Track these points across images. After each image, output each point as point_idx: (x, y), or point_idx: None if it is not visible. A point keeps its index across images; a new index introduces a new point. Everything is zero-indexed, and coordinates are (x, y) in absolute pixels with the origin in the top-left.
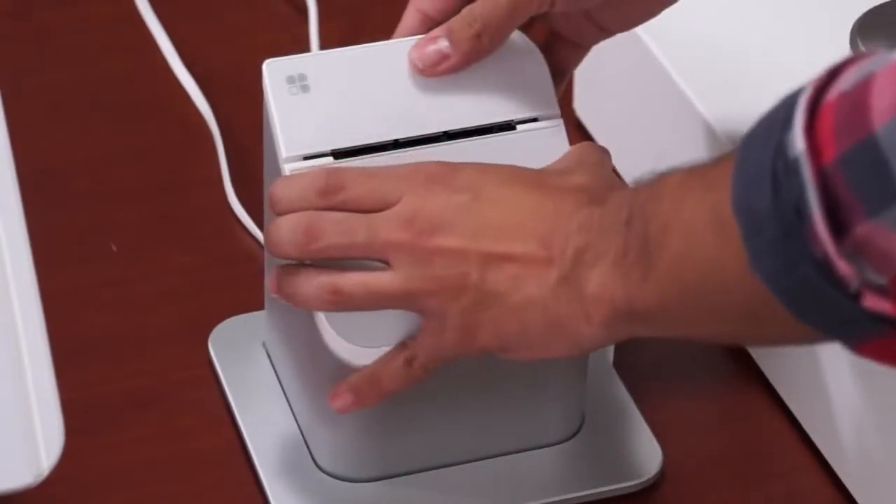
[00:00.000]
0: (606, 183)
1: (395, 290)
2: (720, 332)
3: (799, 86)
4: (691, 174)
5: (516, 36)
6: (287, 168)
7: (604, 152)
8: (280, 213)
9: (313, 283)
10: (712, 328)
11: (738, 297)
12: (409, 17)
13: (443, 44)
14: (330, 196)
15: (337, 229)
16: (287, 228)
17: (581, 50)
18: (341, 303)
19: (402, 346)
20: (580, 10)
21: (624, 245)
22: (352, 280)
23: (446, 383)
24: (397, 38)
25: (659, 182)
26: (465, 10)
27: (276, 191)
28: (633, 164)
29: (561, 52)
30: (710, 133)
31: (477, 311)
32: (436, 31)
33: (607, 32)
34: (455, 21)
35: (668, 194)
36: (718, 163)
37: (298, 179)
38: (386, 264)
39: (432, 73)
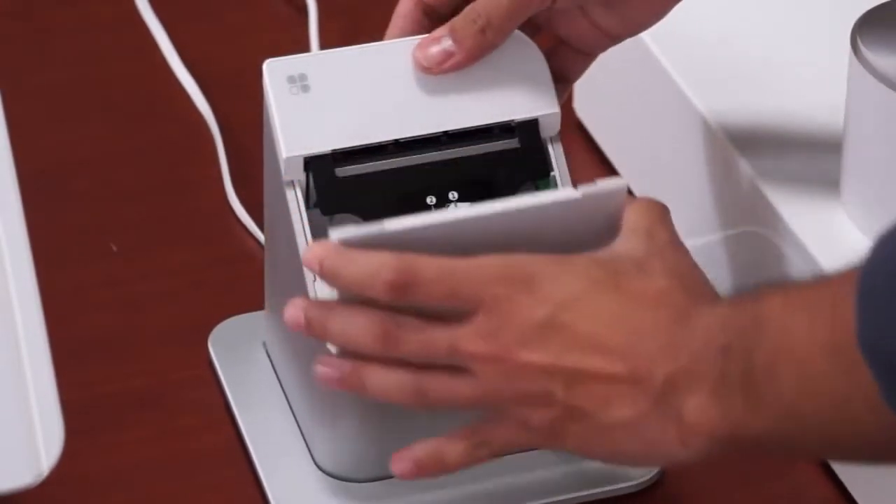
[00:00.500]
0: (686, 284)
1: (479, 399)
2: (845, 459)
3: None
4: (792, 296)
5: (516, 35)
6: (334, 235)
7: (666, 214)
8: (338, 288)
9: (393, 379)
10: (834, 455)
11: (868, 428)
12: (405, 2)
13: (447, 42)
14: (401, 293)
15: (416, 341)
16: (359, 330)
17: (586, 58)
18: (423, 403)
19: (474, 430)
20: (582, 14)
21: (722, 373)
22: (436, 384)
23: None
24: (393, 24)
25: (755, 304)
26: (467, 8)
27: (335, 265)
28: (633, 164)
29: (565, 59)
30: (710, 133)
31: (564, 424)
32: (439, 31)
33: (611, 38)
34: (458, 19)
35: (770, 320)
36: (821, 283)
37: (363, 260)
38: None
39: (438, 71)
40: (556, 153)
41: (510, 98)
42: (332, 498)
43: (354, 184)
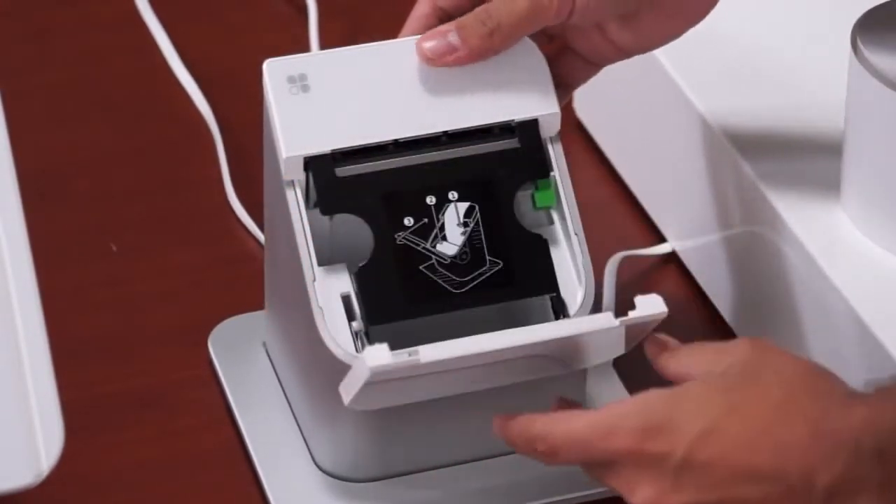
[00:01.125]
0: (808, 386)
1: None
2: None
3: None
4: None
5: None
6: (369, 362)
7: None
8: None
9: None
10: None
11: None
12: (422, 5)
13: (453, 37)
14: (550, 461)
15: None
16: None
17: (593, 68)
18: None
19: None
20: (597, 28)
21: (883, 478)
22: None
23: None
24: (407, 26)
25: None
26: (480, 7)
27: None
28: (633, 164)
29: (570, 66)
30: (710, 133)
31: None
32: (447, 25)
33: (624, 53)
34: (469, 16)
35: None
36: None
37: (519, 442)
38: None
39: (439, 63)
40: (556, 153)
41: (510, 98)
42: (332, 498)
43: (354, 184)
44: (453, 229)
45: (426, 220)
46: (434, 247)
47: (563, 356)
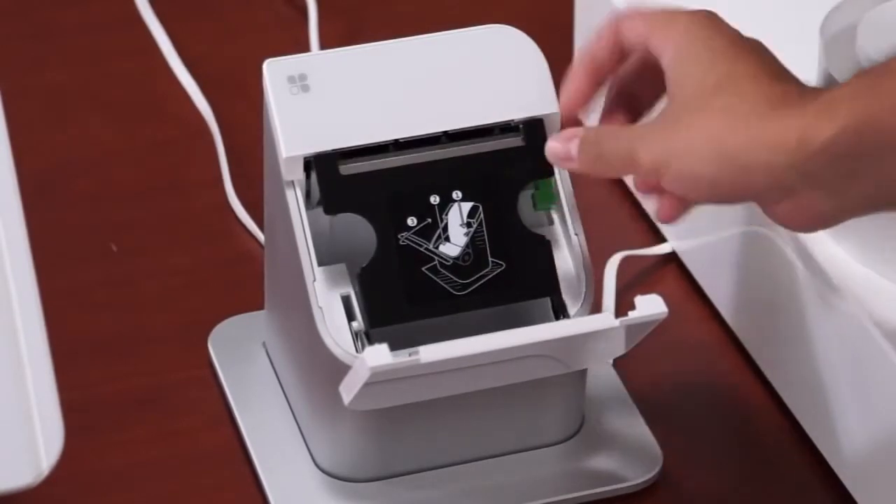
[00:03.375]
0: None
1: None
2: None
3: None
4: None
5: (517, 35)
6: (369, 362)
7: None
8: None
9: None
10: None
11: None
12: (578, 75)
13: (573, 147)
14: None
15: None
16: None
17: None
18: None
19: None
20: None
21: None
22: None
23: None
24: (565, 88)
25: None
26: (601, 128)
27: None
28: None
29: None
30: None
31: None
32: (576, 131)
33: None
34: (590, 135)
35: None
36: None
37: None
38: None
39: (559, 165)
40: None
41: (511, 98)
42: (332, 498)
43: (359, 182)
44: (456, 230)
45: (429, 220)
46: (437, 248)
47: (563, 356)
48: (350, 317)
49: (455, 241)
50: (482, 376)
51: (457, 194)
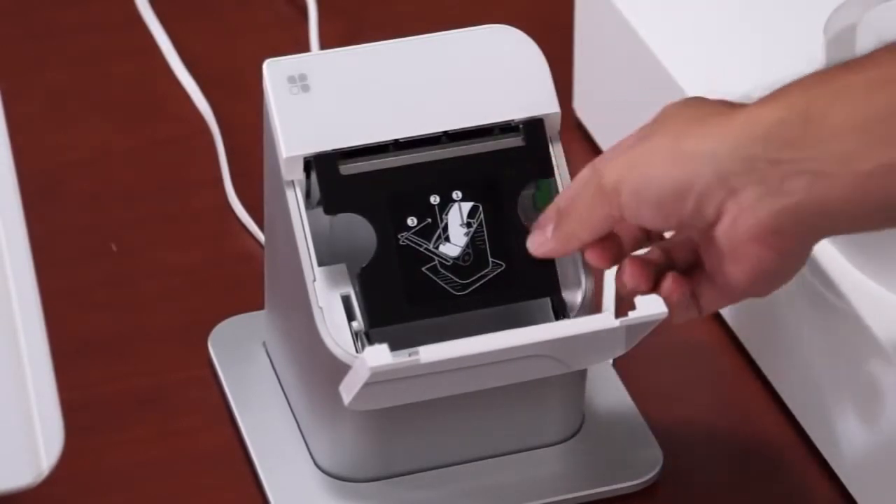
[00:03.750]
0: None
1: None
2: None
3: None
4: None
5: (516, 35)
6: (369, 362)
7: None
8: None
9: None
10: None
11: None
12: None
13: (548, 231)
14: None
15: None
16: None
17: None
18: None
19: None
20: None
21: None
22: None
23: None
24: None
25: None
26: (559, 196)
27: None
28: None
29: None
30: None
31: None
32: (548, 218)
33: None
34: (550, 206)
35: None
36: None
37: None
38: None
39: (538, 253)
40: (556, 153)
41: (511, 97)
42: (332, 498)
43: (359, 182)
44: (456, 230)
45: (429, 220)
46: (437, 248)
47: (563, 356)
48: (350, 317)
49: (455, 242)
50: (482, 376)
51: (457, 194)
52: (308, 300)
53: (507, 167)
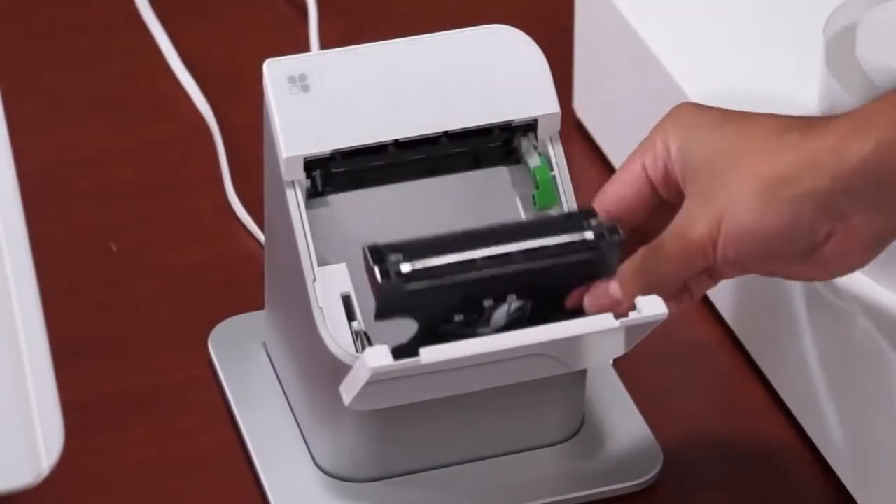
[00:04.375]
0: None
1: None
2: None
3: None
4: None
5: (516, 34)
6: (370, 363)
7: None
8: None
9: None
10: None
11: None
12: (631, 171)
13: (614, 290)
14: None
15: None
16: None
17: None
18: None
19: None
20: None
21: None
22: None
23: None
24: (615, 184)
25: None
26: (636, 260)
27: None
28: None
29: (699, 281)
30: None
31: None
32: (604, 285)
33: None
34: (626, 270)
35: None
36: None
37: None
38: None
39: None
40: (556, 153)
41: (510, 98)
42: (332, 498)
43: (422, 295)
44: (499, 315)
45: (476, 315)
46: (475, 330)
47: (563, 356)
48: (350, 317)
49: (495, 322)
50: (482, 376)
51: (511, 297)
52: (308, 300)
53: (571, 278)
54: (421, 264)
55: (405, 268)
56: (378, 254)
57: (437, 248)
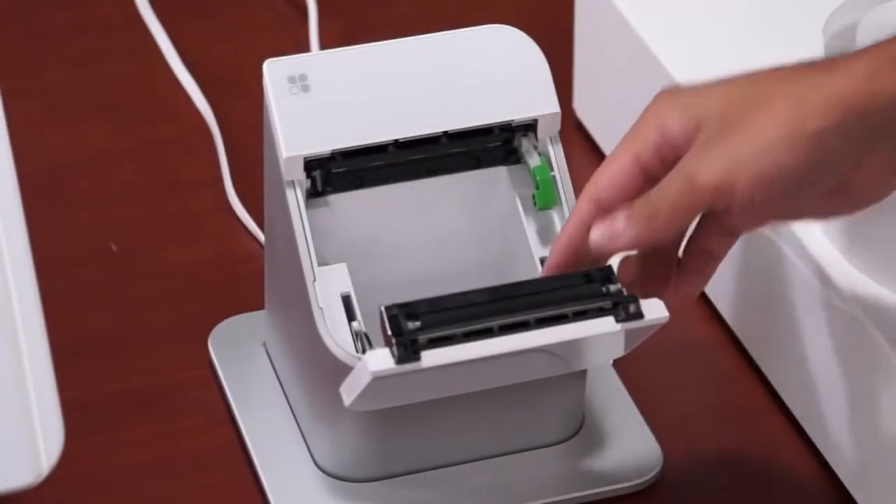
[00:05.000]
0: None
1: None
2: None
3: None
4: None
5: (516, 34)
6: (370, 366)
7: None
8: None
9: None
10: None
11: None
12: (584, 204)
13: (620, 219)
14: None
15: None
16: None
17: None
18: None
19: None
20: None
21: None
22: None
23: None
24: (567, 232)
25: None
26: (643, 196)
27: None
28: None
29: (712, 238)
30: None
31: None
32: (614, 214)
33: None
34: (635, 202)
35: None
36: None
37: None
38: None
39: (607, 250)
40: (556, 153)
41: (511, 98)
42: (332, 498)
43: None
44: None
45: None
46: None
47: (563, 357)
48: (350, 317)
49: None
50: (483, 377)
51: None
52: (308, 300)
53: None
54: (437, 334)
55: (422, 339)
56: (396, 324)
57: (453, 316)
